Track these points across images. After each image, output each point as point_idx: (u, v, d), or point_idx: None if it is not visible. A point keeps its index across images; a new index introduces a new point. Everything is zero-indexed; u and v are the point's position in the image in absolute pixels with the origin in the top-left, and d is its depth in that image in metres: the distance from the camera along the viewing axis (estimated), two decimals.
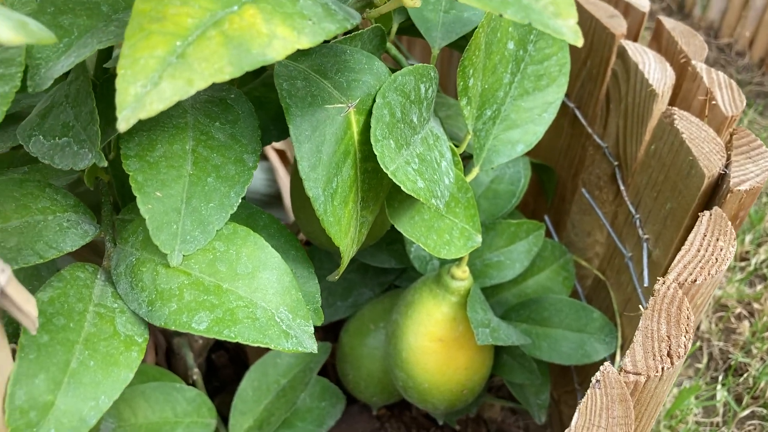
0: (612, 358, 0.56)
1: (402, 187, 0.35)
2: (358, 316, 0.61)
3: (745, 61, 1.29)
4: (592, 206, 0.62)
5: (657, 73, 0.53)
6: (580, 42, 0.26)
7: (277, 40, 0.26)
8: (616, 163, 0.58)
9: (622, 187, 0.57)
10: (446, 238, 0.45)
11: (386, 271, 0.62)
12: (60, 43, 0.30)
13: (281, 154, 0.87)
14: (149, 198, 0.32)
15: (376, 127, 0.35)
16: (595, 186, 0.62)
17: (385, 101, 0.36)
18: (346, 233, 0.36)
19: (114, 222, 0.37)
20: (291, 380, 0.57)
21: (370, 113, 0.36)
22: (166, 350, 0.68)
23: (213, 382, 0.70)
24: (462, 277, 0.51)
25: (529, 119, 0.50)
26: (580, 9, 0.62)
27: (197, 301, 0.32)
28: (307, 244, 0.77)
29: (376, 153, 0.35)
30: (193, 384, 0.58)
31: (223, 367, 0.72)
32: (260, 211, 0.39)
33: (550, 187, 0.68)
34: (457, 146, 0.49)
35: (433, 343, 0.52)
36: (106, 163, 0.31)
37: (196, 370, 0.60)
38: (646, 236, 0.53)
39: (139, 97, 0.25)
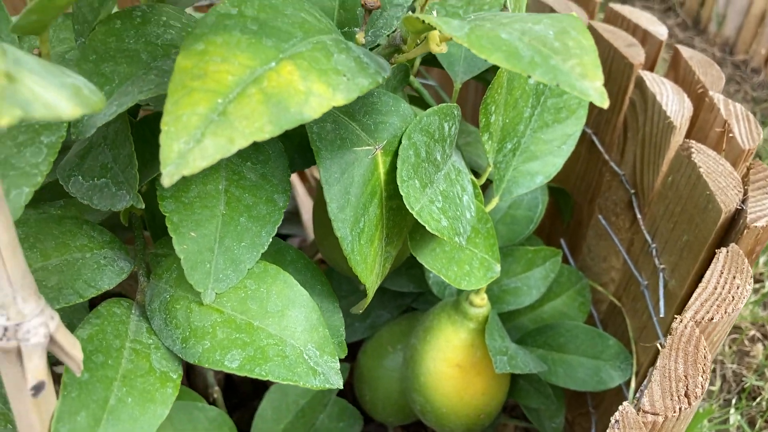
0: (627, 385, 0.57)
1: (426, 227, 0.36)
2: (376, 337, 0.62)
3: (760, 78, 1.29)
4: (608, 232, 0.63)
5: (675, 105, 0.54)
6: (606, 104, 0.26)
7: (313, 98, 0.27)
8: (632, 191, 0.59)
9: (638, 216, 0.58)
10: (466, 269, 0.46)
11: (404, 294, 0.63)
12: (102, 91, 0.32)
13: (300, 171, 0.88)
14: (184, 238, 0.33)
15: (402, 168, 0.36)
16: (611, 212, 0.63)
17: (410, 142, 0.37)
18: (371, 270, 0.37)
19: (147, 256, 0.38)
20: (310, 401, 0.58)
21: (395, 154, 0.37)
22: (186, 366, 0.69)
23: (231, 399, 0.71)
24: (480, 304, 0.52)
25: (549, 151, 0.51)
26: (598, 37, 0.62)
27: (230, 339, 0.33)
28: (322, 262, 0.78)
29: (402, 193, 0.36)
30: (214, 402, 0.59)
31: (242, 383, 0.73)
32: (288, 246, 0.40)
33: (566, 210, 0.69)
34: (477, 177, 0.50)
35: (451, 369, 0.53)
36: (143, 206, 0.33)
37: (216, 388, 0.61)
38: (662, 266, 0.53)
39: (182, 153, 0.26)
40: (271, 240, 0.35)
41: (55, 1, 0.27)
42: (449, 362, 0.53)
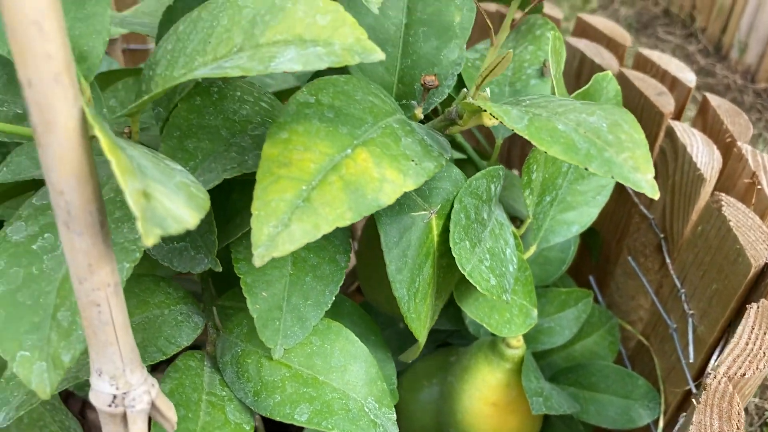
0: (655, 424, 0.59)
1: (477, 287, 0.39)
2: (411, 371, 0.65)
3: None
4: (636, 272, 0.65)
5: (704, 156, 0.56)
6: (656, 196, 0.29)
7: (387, 184, 0.30)
8: (662, 235, 0.61)
9: (668, 260, 0.60)
10: (507, 316, 0.48)
11: (439, 330, 0.65)
12: (186, 167, 0.34)
13: None
14: (257, 298, 0.36)
15: (454, 231, 0.39)
16: (640, 253, 0.65)
17: (461, 206, 0.40)
18: (424, 326, 0.40)
19: (215, 308, 0.41)
20: None
21: (448, 217, 0.40)
22: None
23: (270, 425, 0.74)
24: (517, 345, 0.55)
25: (584, 202, 0.53)
26: (629, 84, 0.65)
27: (298, 393, 0.36)
28: (358, 291, 0.81)
29: (454, 255, 0.39)
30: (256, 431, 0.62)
31: None
32: (344, 299, 0.43)
33: (594, 248, 0.72)
34: (514, 221, 0.53)
35: (487, 407, 0.55)
36: (221, 269, 0.35)
37: (257, 416, 0.63)
38: (691, 311, 0.55)
39: (271, 236, 0.29)
40: (333, 298, 0.38)
41: (153, 96, 0.30)
42: (485, 401, 0.55)
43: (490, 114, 0.32)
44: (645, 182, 0.29)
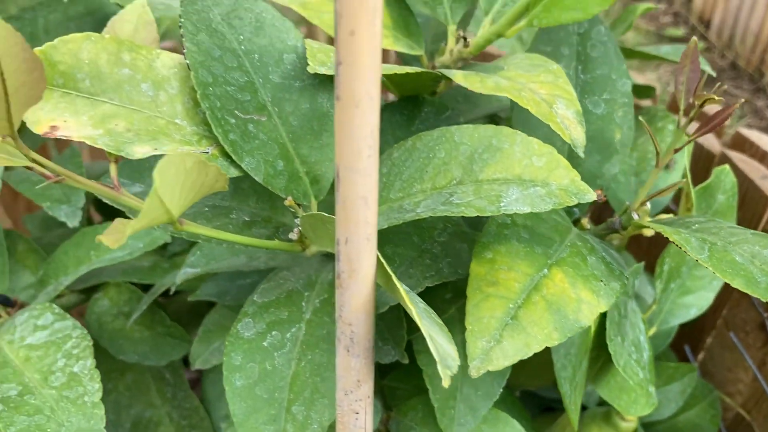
0: None
1: (630, 381, 0.43)
2: None
3: None
4: (734, 345, 0.68)
5: None
6: None
7: (583, 305, 0.34)
8: (765, 314, 0.64)
9: None
10: (633, 396, 0.51)
11: (543, 396, 0.68)
12: None
13: None
14: (437, 388, 0.40)
15: (610, 328, 0.43)
16: (740, 329, 0.68)
17: (615, 303, 0.44)
18: (578, 416, 0.43)
19: (383, 387, 0.45)
20: None
21: (602, 314, 0.44)
22: None
23: None
24: (631, 419, 0.58)
25: (702, 286, 0.57)
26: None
27: None
28: None
29: (610, 351, 0.42)
30: None
31: None
32: None
33: None
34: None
35: None
36: (407, 360, 0.39)
37: None
38: None
39: (485, 350, 0.33)
40: (501, 390, 0.42)
41: (393, 224, 0.34)
42: None
43: (663, 235, 0.36)
44: None
